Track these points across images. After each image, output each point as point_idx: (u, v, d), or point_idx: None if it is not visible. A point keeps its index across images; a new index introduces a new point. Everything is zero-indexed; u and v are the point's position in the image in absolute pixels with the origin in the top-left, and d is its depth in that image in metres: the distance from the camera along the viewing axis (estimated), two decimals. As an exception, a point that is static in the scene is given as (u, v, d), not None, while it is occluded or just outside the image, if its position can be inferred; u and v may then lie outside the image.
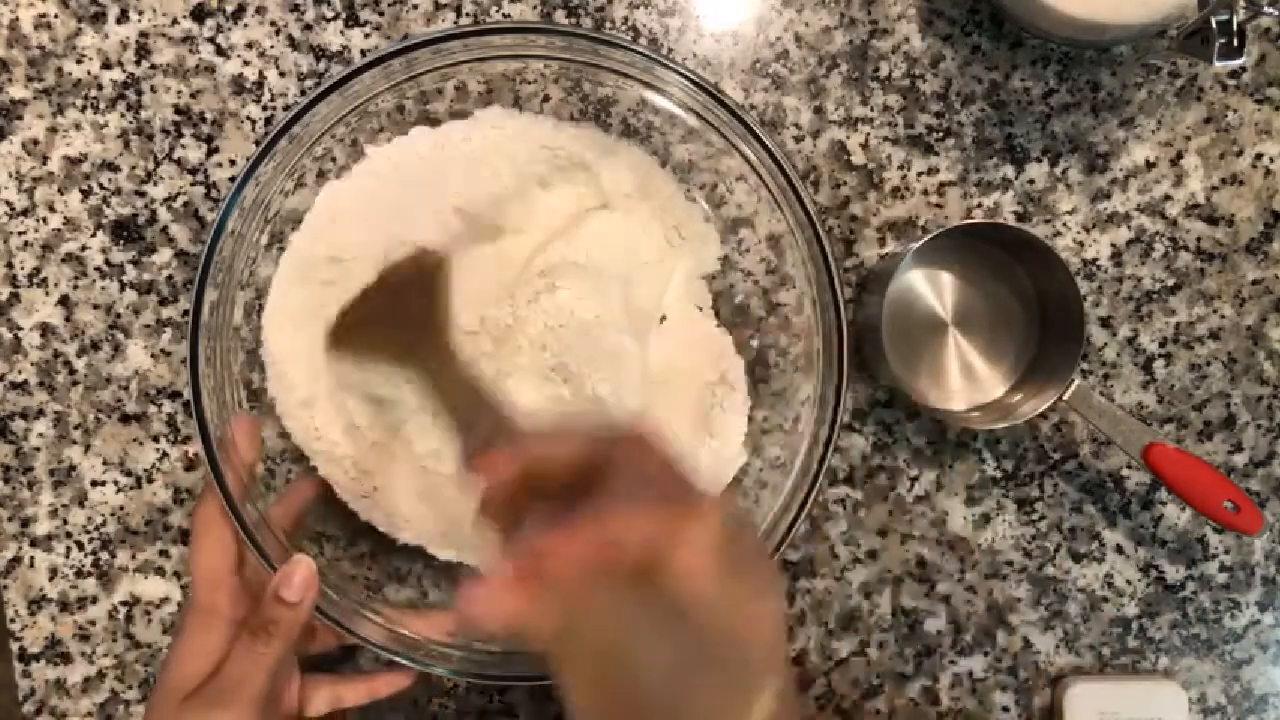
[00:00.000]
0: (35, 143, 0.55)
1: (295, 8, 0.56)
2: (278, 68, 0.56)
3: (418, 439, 0.53)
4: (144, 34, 0.55)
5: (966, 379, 0.58)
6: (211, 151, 0.56)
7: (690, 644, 0.34)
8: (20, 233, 0.55)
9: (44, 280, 0.56)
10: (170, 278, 0.56)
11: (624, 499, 0.35)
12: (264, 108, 0.56)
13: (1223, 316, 0.59)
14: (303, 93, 0.56)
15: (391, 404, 0.53)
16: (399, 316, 0.50)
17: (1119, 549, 0.59)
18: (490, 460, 0.38)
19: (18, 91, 0.55)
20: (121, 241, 0.56)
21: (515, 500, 0.38)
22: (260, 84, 0.56)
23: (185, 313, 0.56)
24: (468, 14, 0.56)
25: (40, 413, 0.56)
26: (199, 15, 0.55)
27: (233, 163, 0.56)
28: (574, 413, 0.53)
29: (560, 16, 0.56)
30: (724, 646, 0.34)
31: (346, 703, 0.52)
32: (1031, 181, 0.58)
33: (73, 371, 0.56)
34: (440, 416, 0.46)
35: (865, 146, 0.57)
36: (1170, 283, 0.59)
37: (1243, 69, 0.58)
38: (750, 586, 0.36)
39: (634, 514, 0.34)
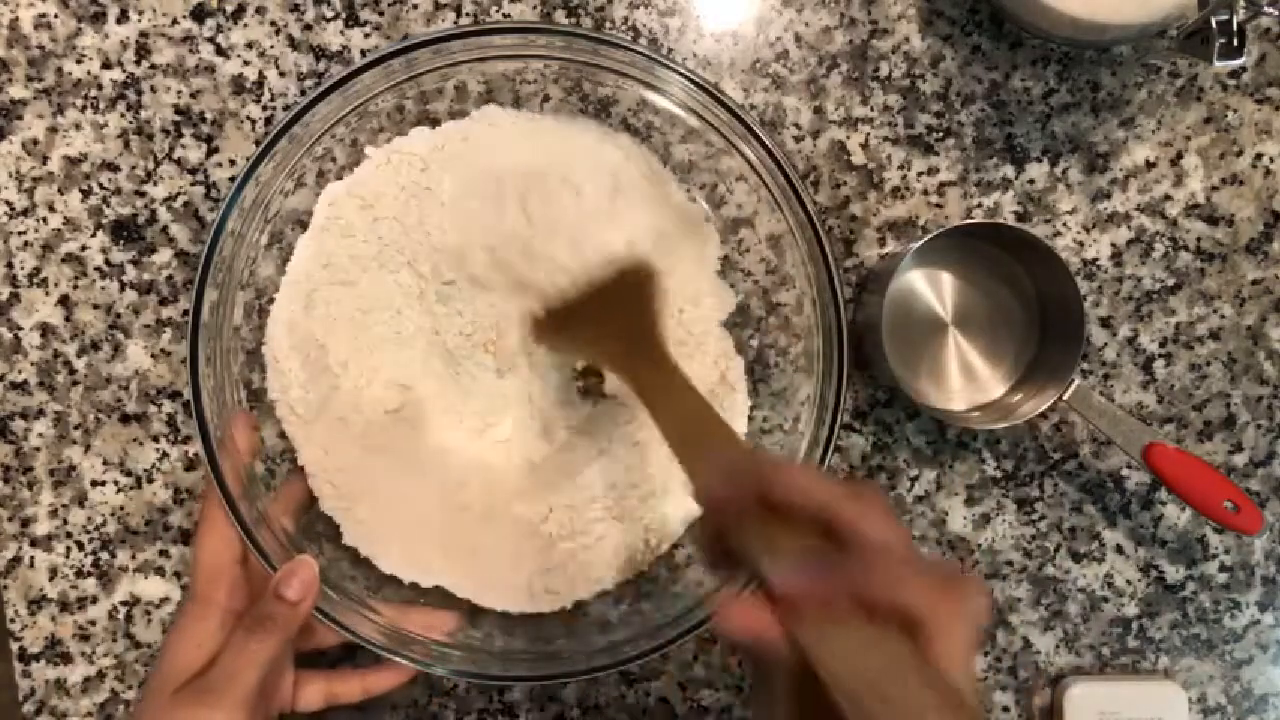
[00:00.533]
0: (35, 143, 0.55)
1: (295, 8, 0.56)
2: (278, 68, 0.56)
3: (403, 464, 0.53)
4: (144, 34, 0.55)
5: (966, 379, 0.58)
6: (211, 151, 0.56)
7: (937, 705, 0.34)
8: (20, 233, 0.55)
9: (44, 280, 0.56)
10: (170, 278, 0.56)
11: (883, 560, 0.36)
12: (264, 108, 0.56)
13: (1223, 316, 0.59)
14: (303, 93, 0.56)
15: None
16: (609, 322, 0.50)
17: (1119, 549, 0.59)
18: (731, 496, 0.39)
19: (18, 91, 0.55)
20: (121, 241, 0.56)
21: (753, 530, 0.39)
22: (260, 84, 0.56)
23: (185, 313, 0.56)
24: (468, 14, 0.56)
25: (40, 413, 0.56)
26: (199, 15, 0.55)
27: (233, 163, 0.56)
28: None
29: (560, 16, 0.56)
30: None
31: (340, 699, 0.52)
32: (1031, 181, 0.58)
33: (73, 371, 0.56)
34: (664, 440, 0.46)
35: (865, 146, 0.57)
36: (1170, 283, 0.59)
37: (1243, 69, 0.58)
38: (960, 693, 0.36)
39: (896, 575, 0.35)
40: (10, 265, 0.55)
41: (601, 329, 0.50)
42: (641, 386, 0.47)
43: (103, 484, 0.56)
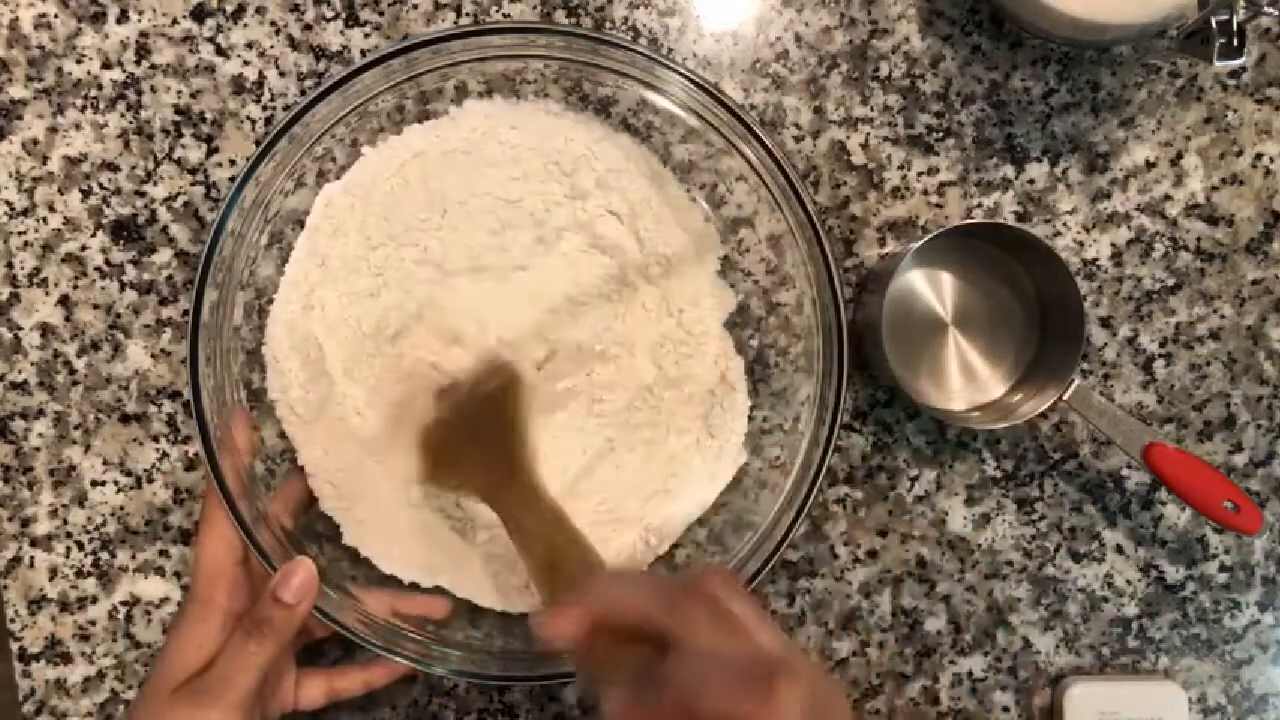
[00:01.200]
0: (35, 143, 0.55)
1: (295, 8, 0.56)
2: (278, 68, 0.56)
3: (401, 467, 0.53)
4: (144, 34, 0.55)
5: (966, 379, 0.58)
6: (211, 151, 0.56)
7: None
8: (20, 233, 0.55)
9: (44, 280, 0.56)
10: (170, 278, 0.56)
11: (698, 672, 0.36)
12: (264, 108, 0.56)
13: (1223, 316, 0.59)
14: (303, 93, 0.56)
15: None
16: (478, 444, 0.50)
17: (1119, 549, 0.59)
18: (557, 618, 0.39)
19: (18, 91, 0.55)
20: (121, 241, 0.56)
21: (597, 654, 0.39)
22: (260, 84, 0.56)
23: (185, 313, 0.56)
24: (468, 14, 0.56)
25: (40, 413, 0.56)
26: (199, 15, 0.55)
27: (233, 163, 0.56)
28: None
29: (560, 16, 0.56)
30: None
31: (343, 694, 0.52)
32: (1031, 181, 0.58)
33: (73, 371, 0.56)
34: (523, 562, 0.47)
35: (865, 146, 0.57)
36: (1170, 283, 0.59)
37: (1243, 69, 0.58)
38: None
39: (710, 688, 0.35)
40: (10, 265, 0.55)
41: (472, 454, 0.50)
42: (502, 510, 0.48)
43: (103, 484, 0.56)
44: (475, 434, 0.50)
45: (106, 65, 0.55)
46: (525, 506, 0.48)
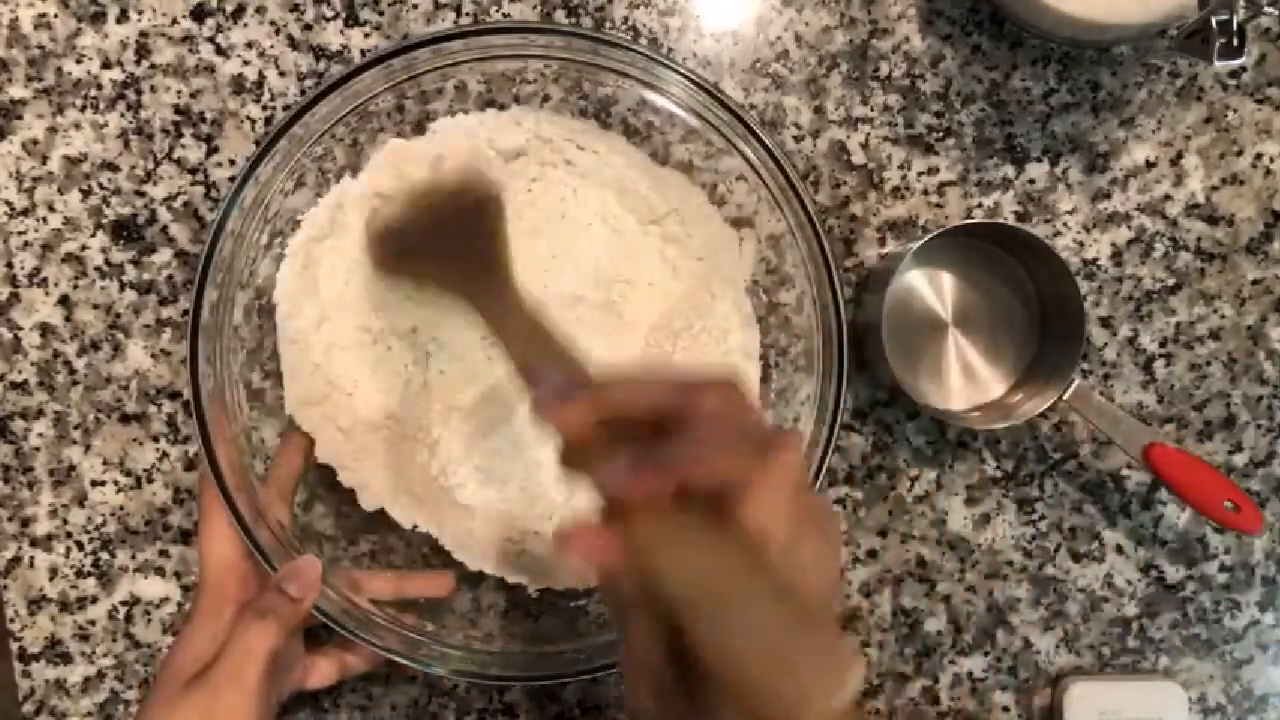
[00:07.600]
0: (35, 143, 0.55)
1: (295, 8, 0.56)
2: (278, 68, 0.56)
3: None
4: (144, 34, 0.55)
5: (966, 379, 0.58)
6: (211, 151, 0.56)
7: (772, 595, 0.34)
8: (20, 233, 0.55)
9: (44, 280, 0.56)
10: (170, 278, 0.56)
11: (700, 440, 0.35)
12: (264, 108, 0.56)
13: (1223, 316, 0.59)
14: (303, 93, 0.56)
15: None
16: (451, 246, 0.49)
17: (1119, 549, 0.59)
18: (565, 413, 0.38)
19: (18, 91, 0.55)
20: (121, 241, 0.56)
21: (593, 446, 0.38)
22: (260, 84, 0.56)
23: (185, 313, 0.56)
24: (468, 14, 0.56)
25: (40, 413, 0.56)
26: (199, 15, 0.55)
27: (233, 163, 0.56)
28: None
29: (560, 16, 0.56)
30: (796, 603, 0.34)
31: (354, 669, 0.53)
32: (1031, 181, 0.58)
33: (73, 371, 0.56)
34: (507, 363, 0.44)
35: (865, 146, 0.57)
36: (1170, 283, 0.59)
37: (1243, 69, 0.58)
38: (817, 540, 0.36)
39: (709, 453, 0.35)
40: (10, 265, 0.55)
41: (442, 252, 0.49)
42: (485, 312, 0.46)
43: (103, 484, 0.56)
44: (449, 230, 0.49)
45: (106, 65, 0.55)
46: (507, 307, 0.46)
